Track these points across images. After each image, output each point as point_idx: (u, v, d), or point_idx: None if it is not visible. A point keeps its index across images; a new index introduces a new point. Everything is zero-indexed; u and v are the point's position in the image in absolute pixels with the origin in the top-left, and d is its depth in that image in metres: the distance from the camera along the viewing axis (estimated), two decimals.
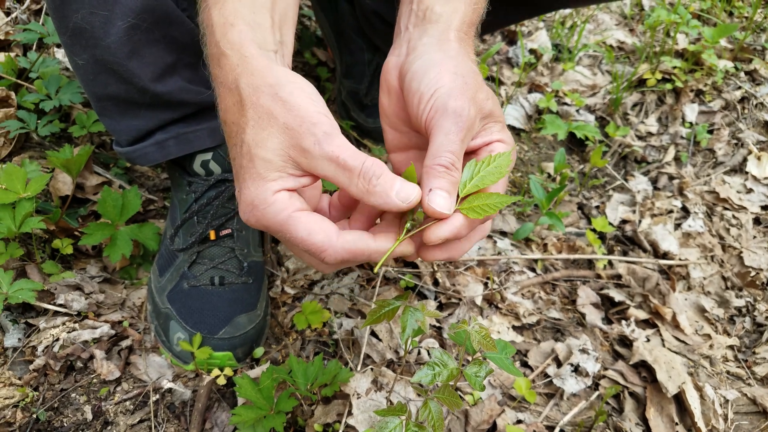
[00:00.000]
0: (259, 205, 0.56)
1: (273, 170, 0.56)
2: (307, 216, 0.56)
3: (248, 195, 0.56)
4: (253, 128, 0.56)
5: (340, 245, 0.56)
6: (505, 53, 1.86)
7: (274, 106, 0.56)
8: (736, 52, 1.93)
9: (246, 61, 0.58)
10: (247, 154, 0.56)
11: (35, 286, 0.95)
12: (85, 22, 0.82)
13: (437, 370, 0.62)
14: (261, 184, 0.56)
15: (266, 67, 0.58)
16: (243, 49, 0.59)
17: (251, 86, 0.57)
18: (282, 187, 0.56)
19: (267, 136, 0.56)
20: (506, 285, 1.19)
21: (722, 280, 1.32)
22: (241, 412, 0.80)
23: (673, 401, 1.04)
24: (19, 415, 0.88)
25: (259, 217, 0.56)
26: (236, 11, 0.61)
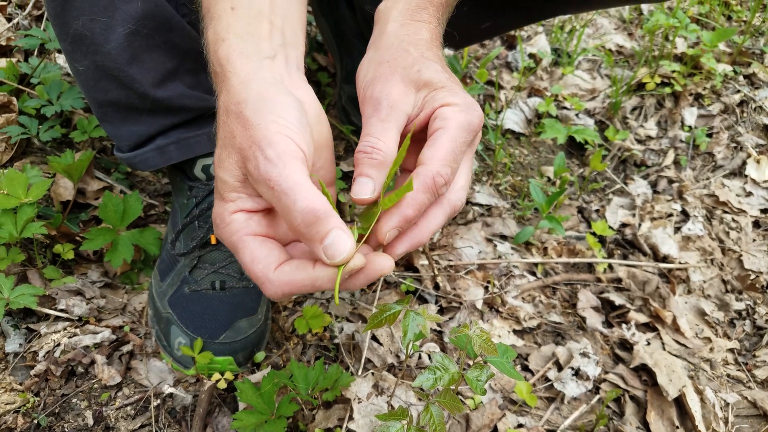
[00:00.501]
0: (219, 224, 0.56)
1: (230, 191, 0.56)
2: (254, 242, 0.55)
3: (214, 212, 0.58)
4: (219, 148, 0.57)
5: (276, 278, 0.53)
6: (504, 58, 1.86)
7: (235, 126, 0.55)
8: (735, 56, 1.94)
9: (226, 78, 0.59)
10: (216, 175, 0.57)
11: (36, 292, 0.96)
12: (85, 28, 0.83)
13: (438, 374, 0.62)
14: (221, 203, 0.57)
15: (242, 82, 0.57)
16: (228, 64, 0.59)
17: (224, 105, 0.58)
18: (239, 208, 0.56)
19: (226, 156, 0.56)
20: (507, 289, 1.20)
21: (722, 284, 1.32)
22: (242, 416, 0.80)
23: (674, 405, 1.04)
24: (20, 421, 0.88)
25: (221, 235, 0.57)
26: (229, 26, 0.61)
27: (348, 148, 1.51)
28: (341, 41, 1.46)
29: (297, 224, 0.51)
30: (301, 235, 0.52)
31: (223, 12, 0.62)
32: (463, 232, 1.30)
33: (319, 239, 0.51)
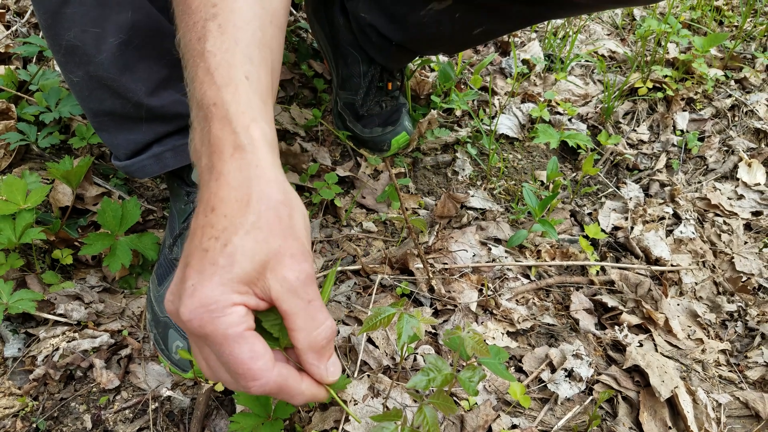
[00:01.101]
0: (214, 311, 0.51)
1: (245, 284, 0.53)
2: (255, 338, 0.53)
3: (209, 295, 0.52)
4: (247, 234, 0.53)
5: (273, 377, 0.53)
6: (498, 64, 1.88)
7: (276, 225, 0.54)
8: (726, 61, 1.96)
9: (263, 166, 0.56)
10: (230, 255, 0.52)
11: (35, 297, 0.97)
12: (77, 40, 0.84)
13: (432, 375, 0.64)
14: (227, 291, 0.52)
15: (279, 180, 0.56)
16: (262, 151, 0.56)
17: (263, 194, 0.54)
18: (243, 302, 0.53)
19: (258, 250, 0.53)
20: (501, 291, 1.21)
21: (714, 286, 1.34)
22: (239, 419, 0.81)
23: (666, 405, 1.05)
24: (19, 425, 0.89)
25: (206, 322, 0.52)
26: (251, 101, 0.58)
27: (344, 153, 1.53)
28: (336, 49, 1.48)
29: (320, 339, 0.55)
30: (317, 349, 0.56)
31: (239, 81, 0.58)
32: (458, 236, 1.32)
33: (328, 356, 0.56)
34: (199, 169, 0.59)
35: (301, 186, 1.38)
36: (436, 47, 1.39)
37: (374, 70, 1.46)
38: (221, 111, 0.57)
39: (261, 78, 0.61)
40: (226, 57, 0.59)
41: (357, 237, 1.30)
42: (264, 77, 0.61)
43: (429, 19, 1.23)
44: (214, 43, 0.59)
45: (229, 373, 0.55)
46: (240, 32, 0.61)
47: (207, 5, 0.61)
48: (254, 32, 0.62)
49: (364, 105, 1.48)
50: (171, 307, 0.55)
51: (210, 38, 0.60)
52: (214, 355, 0.55)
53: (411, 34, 1.29)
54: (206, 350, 0.56)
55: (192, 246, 0.55)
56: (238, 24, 0.61)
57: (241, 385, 0.54)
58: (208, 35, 0.60)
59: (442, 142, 1.54)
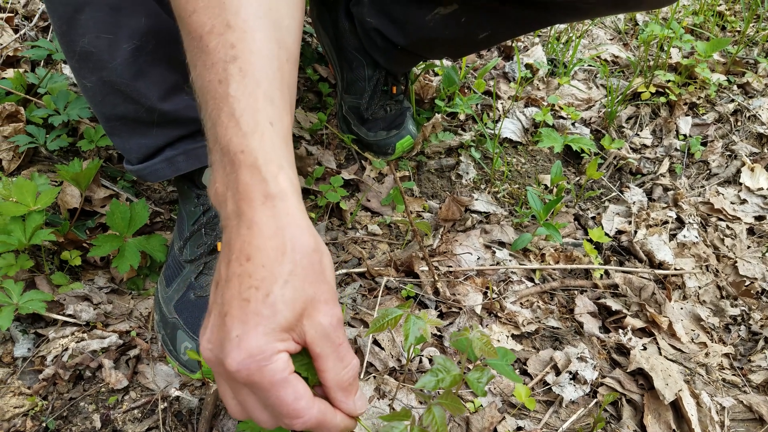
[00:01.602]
0: (261, 360, 0.54)
1: (286, 331, 0.55)
2: (297, 380, 0.56)
3: (254, 346, 0.54)
4: (286, 284, 0.55)
5: (314, 413, 0.57)
6: (501, 68, 1.89)
7: (310, 273, 0.56)
8: (729, 66, 1.97)
9: (295, 214, 0.57)
10: (272, 306, 0.54)
11: (45, 297, 0.98)
12: (91, 45, 0.85)
13: (440, 376, 0.64)
14: (272, 341, 0.54)
15: (309, 227, 0.59)
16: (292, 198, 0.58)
17: (297, 242, 0.56)
18: (286, 349, 0.56)
19: (297, 298, 0.55)
20: (505, 294, 1.22)
21: (717, 290, 1.35)
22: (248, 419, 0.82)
23: (670, 408, 1.06)
24: (29, 424, 0.90)
25: (254, 371, 0.54)
26: (276, 148, 0.59)
27: (349, 157, 1.54)
28: (341, 53, 1.49)
29: (347, 378, 0.59)
30: (345, 387, 0.60)
31: (264, 128, 0.58)
32: (462, 239, 1.33)
33: (355, 392, 0.61)
34: (225, 213, 0.60)
35: (307, 189, 1.39)
36: (441, 51, 1.41)
37: (379, 74, 1.47)
38: (249, 158, 0.57)
39: (284, 121, 0.61)
40: (250, 102, 0.59)
41: (362, 240, 1.31)
42: (286, 119, 0.62)
43: (434, 24, 1.24)
44: (237, 87, 0.59)
45: (271, 414, 0.58)
46: (261, 74, 0.61)
47: (225, 46, 0.60)
48: (274, 73, 0.62)
49: (369, 109, 1.49)
50: (211, 355, 0.57)
51: (233, 82, 0.59)
52: (253, 398, 0.58)
53: (416, 39, 1.30)
54: (243, 393, 0.58)
55: (229, 295, 0.56)
56: (258, 66, 0.61)
57: (285, 423, 0.57)
58: (231, 79, 0.59)
59: (446, 146, 1.55)
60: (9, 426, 0.89)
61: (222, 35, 0.61)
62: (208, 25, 0.61)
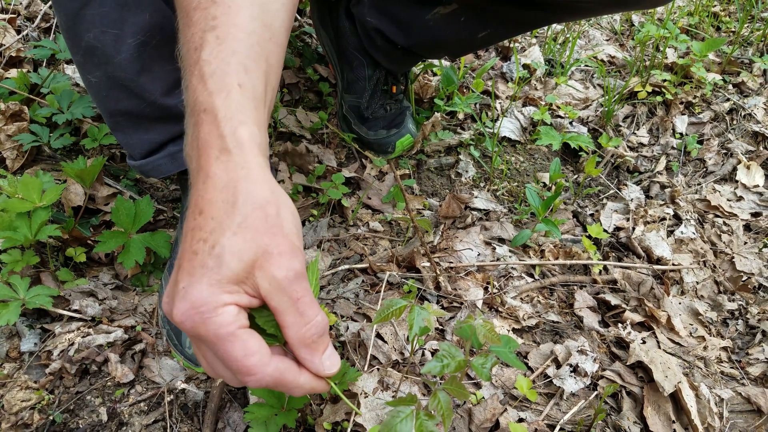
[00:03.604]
0: (205, 312, 0.52)
1: (234, 283, 0.54)
2: (248, 335, 0.54)
3: (198, 296, 0.53)
4: (234, 235, 0.54)
5: (269, 372, 0.55)
6: (499, 68, 1.91)
7: (261, 224, 0.55)
8: (724, 66, 2.00)
9: (250, 167, 0.57)
10: (217, 257, 0.53)
11: (51, 292, 0.99)
12: (96, 41, 0.86)
13: (446, 361, 0.66)
14: (217, 292, 0.53)
15: (266, 180, 0.57)
16: (249, 153, 0.57)
17: (248, 194, 0.55)
18: (234, 302, 0.54)
19: (245, 249, 0.54)
20: (506, 289, 1.23)
21: (715, 285, 1.36)
22: (254, 409, 0.83)
23: (670, 400, 1.07)
24: (36, 417, 0.91)
25: (198, 323, 0.53)
26: (242, 106, 0.59)
27: (349, 155, 1.55)
28: (342, 53, 1.51)
29: (310, 334, 0.56)
30: (308, 344, 0.57)
31: (231, 87, 0.59)
32: (463, 236, 1.34)
33: (322, 350, 0.58)
34: (190, 172, 0.60)
35: (308, 187, 1.40)
36: (440, 51, 1.42)
37: (379, 74, 1.48)
38: (210, 116, 0.58)
39: (256, 87, 0.61)
40: (220, 66, 0.60)
41: (364, 236, 1.32)
42: (259, 87, 0.62)
43: (434, 23, 1.26)
44: (210, 52, 0.60)
45: (227, 369, 0.56)
46: (238, 44, 0.61)
47: (207, 18, 0.62)
48: (252, 46, 0.63)
49: (369, 108, 1.50)
50: (167, 308, 0.56)
51: (206, 47, 0.61)
52: (210, 353, 0.57)
53: (416, 38, 1.32)
54: (203, 348, 0.57)
55: (183, 249, 0.56)
56: (237, 36, 0.62)
57: (239, 380, 0.56)
58: (205, 45, 0.61)
59: (445, 145, 1.57)
60: (16, 419, 0.90)
61: (206, 9, 0.62)
62: (195, 2, 0.63)
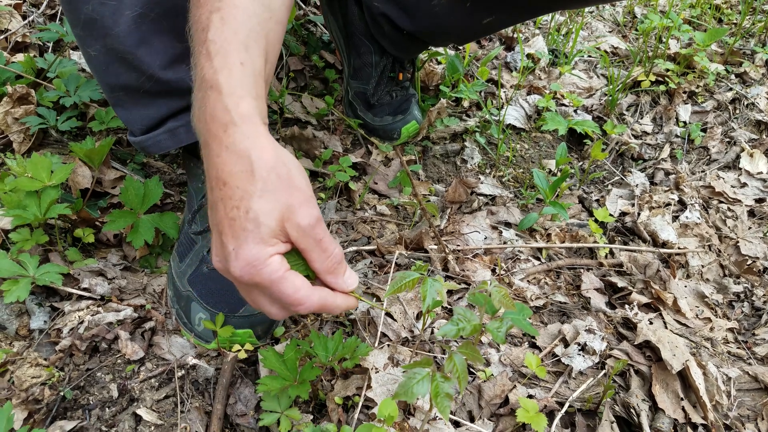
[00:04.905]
0: (258, 265, 0.64)
1: (273, 237, 0.64)
2: (294, 275, 0.66)
3: (249, 255, 0.64)
4: (260, 198, 0.63)
5: (315, 299, 0.67)
6: (503, 58, 1.92)
7: (279, 184, 0.64)
8: (727, 56, 2.00)
9: (257, 136, 0.65)
10: (254, 220, 0.63)
11: (61, 270, 0.99)
12: (95, 12, 0.87)
13: (461, 325, 0.66)
14: (263, 247, 0.64)
15: (273, 145, 0.66)
16: (254, 124, 0.65)
17: (262, 161, 0.64)
18: (277, 251, 0.65)
19: (273, 208, 0.64)
20: (513, 271, 1.23)
21: (720, 268, 1.37)
22: (266, 381, 0.83)
23: (678, 378, 1.07)
24: (47, 393, 0.91)
25: (254, 275, 0.64)
26: (243, 82, 0.67)
27: (355, 142, 1.55)
28: (349, 39, 1.51)
29: (332, 263, 0.69)
30: (332, 272, 0.69)
31: (233, 65, 0.67)
32: (469, 220, 1.34)
33: (343, 273, 0.71)
34: (201, 142, 0.69)
35: (315, 171, 1.40)
36: (446, 37, 1.42)
37: (386, 61, 1.49)
38: (215, 92, 0.65)
39: (255, 63, 0.69)
40: (224, 45, 0.67)
41: (371, 219, 1.32)
42: (258, 63, 0.70)
43: (440, 9, 1.26)
44: (215, 32, 0.68)
45: (279, 306, 0.69)
46: (240, 25, 0.69)
47: (213, 1, 0.69)
48: (253, 26, 0.70)
49: (375, 94, 1.51)
50: (221, 266, 0.67)
51: (212, 28, 0.68)
52: (262, 296, 0.69)
53: (422, 24, 1.32)
54: (254, 293, 0.69)
55: (219, 217, 0.66)
56: (239, 18, 0.69)
57: (293, 311, 0.69)
58: (211, 25, 0.68)
59: (451, 131, 1.57)
60: (27, 395, 0.90)
61: None
62: None
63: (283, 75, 1.59)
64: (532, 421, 0.88)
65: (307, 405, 0.93)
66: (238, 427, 0.91)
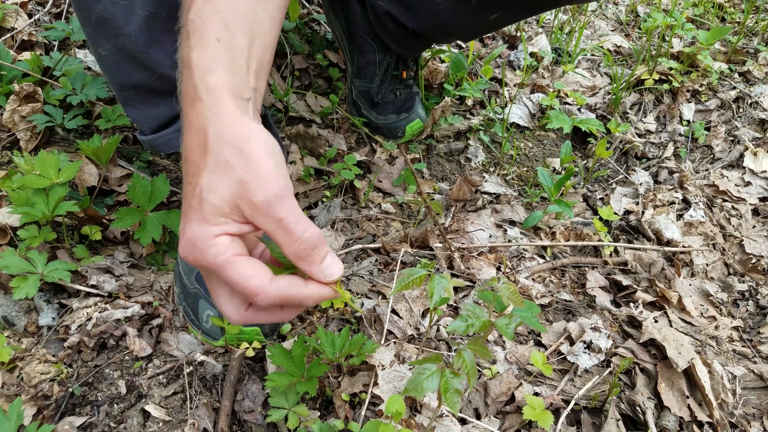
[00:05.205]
0: (200, 246, 0.57)
1: (219, 215, 0.57)
2: (244, 261, 0.58)
3: (191, 234, 0.58)
4: (209, 174, 0.58)
5: (272, 290, 0.58)
6: (506, 57, 1.92)
7: (233, 158, 0.58)
8: (730, 55, 2.00)
9: (218, 109, 0.61)
10: (198, 196, 0.58)
11: (69, 267, 0.99)
12: (106, 12, 0.87)
13: (470, 321, 0.66)
14: (205, 226, 0.58)
15: (235, 119, 0.61)
16: (218, 96, 0.61)
17: (217, 134, 0.59)
18: (224, 232, 0.58)
19: (220, 183, 0.58)
20: (518, 270, 1.24)
21: (725, 267, 1.37)
22: (274, 377, 0.83)
23: (683, 376, 1.07)
24: (56, 389, 0.91)
25: (198, 257, 0.58)
26: (216, 56, 0.63)
27: (359, 140, 1.56)
28: (352, 38, 1.51)
29: (302, 249, 0.58)
30: (304, 258, 0.59)
31: (209, 41, 0.63)
32: (474, 218, 1.35)
33: (319, 261, 0.59)
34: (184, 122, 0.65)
35: (320, 170, 1.40)
36: (451, 34, 1.43)
37: (390, 59, 1.49)
38: (188, 69, 0.63)
39: (235, 41, 0.65)
40: (204, 24, 0.64)
41: (376, 217, 1.33)
42: (240, 40, 0.65)
43: (444, 6, 1.26)
44: (196, 12, 0.65)
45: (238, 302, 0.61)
46: (223, 5, 0.65)
47: None
48: (240, 8, 0.66)
49: (379, 93, 1.51)
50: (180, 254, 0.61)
51: (194, 8, 0.65)
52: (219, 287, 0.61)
53: (427, 21, 1.32)
54: (212, 284, 0.62)
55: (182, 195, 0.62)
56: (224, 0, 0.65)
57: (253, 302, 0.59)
58: (193, 5, 0.65)
59: (455, 130, 1.57)
60: (36, 391, 0.90)
61: None
62: None
63: (287, 74, 1.60)
64: (538, 419, 0.88)
65: (315, 402, 0.93)
66: (246, 424, 0.91)
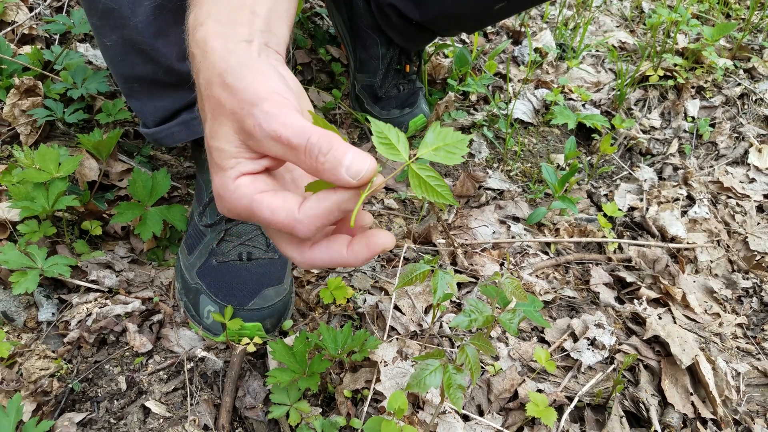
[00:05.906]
0: (224, 195, 0.55)
1: (228, 158, 0.55)
2: (269, 196, 0.54)
3: (215, 187, 0.56)
4: (209, 121, 0.57)
5: (304, 216, 0.52)
6: (511, 52, 1.91)
7: (221, 94, 0.55)
8: (735, 51, 1.99)
9: (206, 56, 0.58)
10: (208, 147, 0.56)
11: (69, 262, 0.98)
12: (113, 2, 0.86)
13: (474, 316, 0.65)
14: (221, 174, 0.55)
15: (221, 57, 0.57)
16: (206, 45, 0.59)
17: (205, 80, 0.57)
18: (240, 173, 0.54)
19: (218, 125, 0.55)
20: (522, 266, 1.23)
21: (729, 263, 1.36)
22: (276, 374, 0.83)
23: (687, 373, 1.07)
24: (56, 385, 0.91)
25: (228, 207, 0.55)
26: (209, 12, 0.61)
27: (362, 135, 1.55)
28: (355, 32, 1.50)
29: (314, 156, 0.50)
30: (321, 166, 0.50)
31: (206, 1, 0.62)
32: (477, 214, 1.34)
33: (340, 163, 0.49)
34: None
35: None
36: (456, 25, 1.41)
37: (393, 53, 1.48)
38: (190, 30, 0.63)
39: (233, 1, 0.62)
40: None
41: (379, 213, 1.32)
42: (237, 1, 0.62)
43: None
44: None
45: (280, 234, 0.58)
46: None
47: None
48: None
49: (382, 87, 1.50)
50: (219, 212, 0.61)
51: None
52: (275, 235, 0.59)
53: (431, 12, 1.31)
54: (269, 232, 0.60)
55: None
56: None
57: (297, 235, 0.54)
58: None
59: (458, 125, 1.56)
60: (35, 387, 0.89)
61: None
62: None
63: (290, 68, 1.59)
64: (541, 415, 0.88)
65: (316, 398, 0.93)
66: (247, 420, 0.90)
